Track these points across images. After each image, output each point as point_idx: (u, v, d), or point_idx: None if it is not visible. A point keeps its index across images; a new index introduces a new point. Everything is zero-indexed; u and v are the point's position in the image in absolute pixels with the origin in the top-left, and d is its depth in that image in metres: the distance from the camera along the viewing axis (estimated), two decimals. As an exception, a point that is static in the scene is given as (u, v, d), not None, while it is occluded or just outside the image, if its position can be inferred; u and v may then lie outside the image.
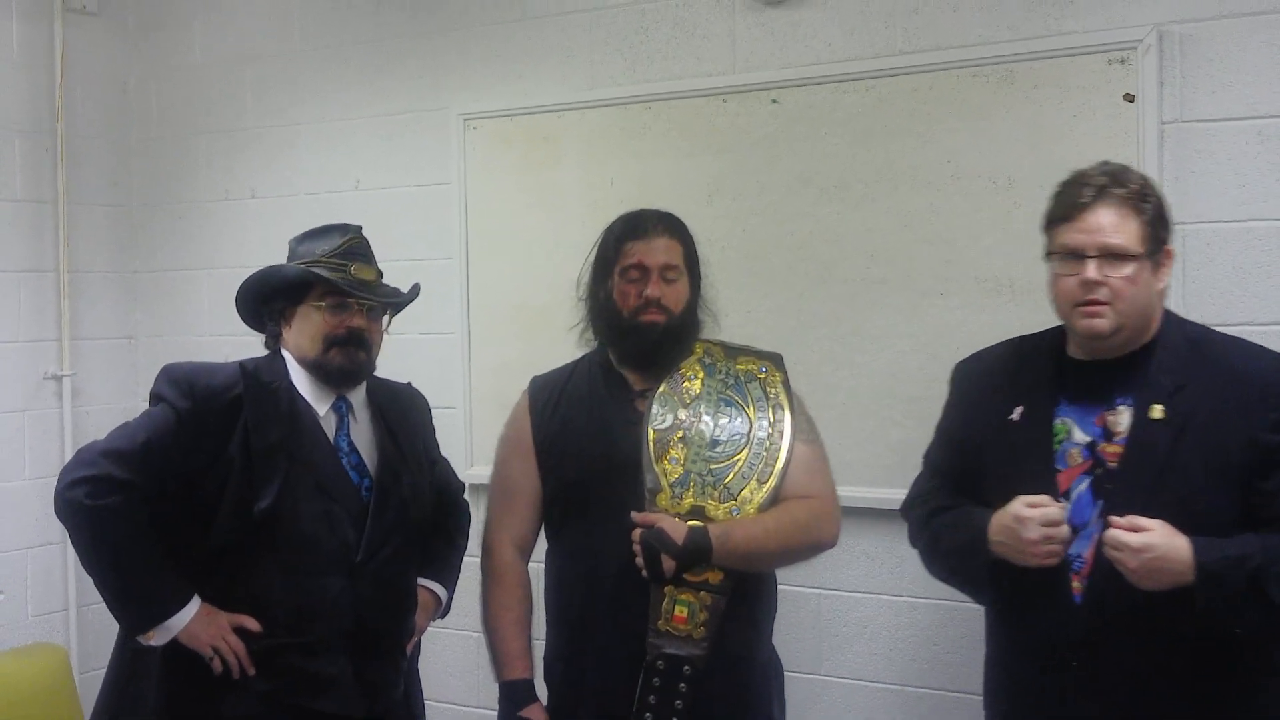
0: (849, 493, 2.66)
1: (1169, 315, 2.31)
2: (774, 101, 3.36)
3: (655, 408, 2.53)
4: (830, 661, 3.37)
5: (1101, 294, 2.18)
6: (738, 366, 2.62)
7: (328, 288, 2.58)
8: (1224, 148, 2.88)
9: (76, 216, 4.36)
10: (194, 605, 2.48)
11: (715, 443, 2.51)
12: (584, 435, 2.57)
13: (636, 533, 2.43)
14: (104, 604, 2.50)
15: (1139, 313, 2.22)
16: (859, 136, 3.25)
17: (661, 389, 2.56)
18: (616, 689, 2.45)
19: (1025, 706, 2.33)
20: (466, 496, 3.03)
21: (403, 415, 2.77)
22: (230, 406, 2.52)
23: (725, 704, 2.48)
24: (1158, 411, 2.19)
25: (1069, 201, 2.23)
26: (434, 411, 2.91)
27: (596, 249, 2.63)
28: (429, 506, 2.78)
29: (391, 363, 2.76)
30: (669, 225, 2.59)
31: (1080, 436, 2.26)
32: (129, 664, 2.58)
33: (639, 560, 2.42)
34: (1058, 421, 2.28)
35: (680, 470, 2.49)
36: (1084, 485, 2.24)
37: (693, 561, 2.41)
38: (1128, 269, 2.17)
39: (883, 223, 3.22)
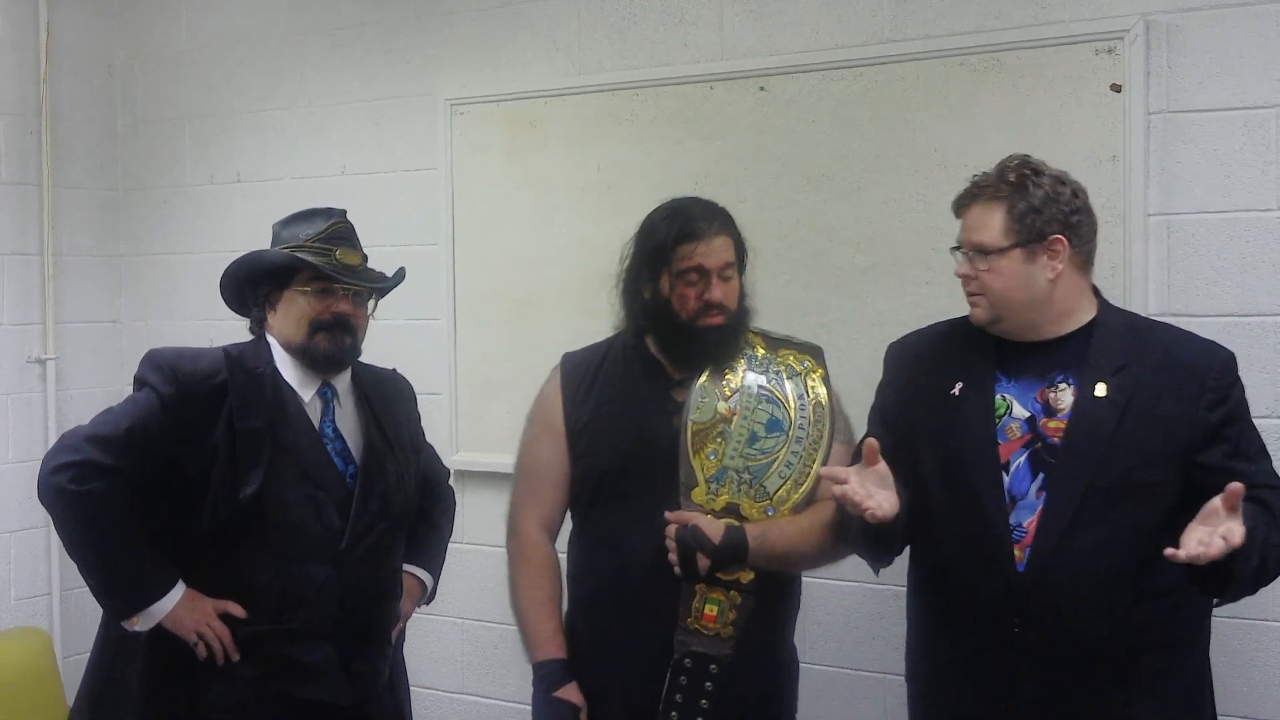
0: (834, 481, 2.66)
1: (1105, 301, 2.40)
2: (761, 89, 3.36)
3: (695, 399, 2.48)
4: (815, 650, 3.38)
5: (972, 286, 2.34)
6: (780, 360, 2.56)
7: (313, 273, 2.57)
8: (1210, 138, 2.89)
9: (61, 200, 4.34)
10: (178, 591, 2.47)
11: (755, 439, 2.47)
12: (619, 422, 2.52)
13: (671, 529, 2.40)
14: (87, 589, 2.49)
15: (1019, 302, 2.31)
16: (846, 124, 3.25)
17: (702, 380, 2.50)
18: (642, 685, 2.43)
19: (957, 677, 2.36)
20: (452, 482, 3.03)
21: (388, 401, 2.76)
22: (215, 392, 2.50)
23: (750, 703, 2.48)
24: (1101, 389, 2.27)
25: (955, 204, 2.40)
26: (420, 398, 2.90)
27: (639, 244, 2.54)
28: (414, 493, 2.77)
29: (377, 348, 2.76)
30: (723, 222, 2.51)
31: (1020, 411, 2.33)
32: (112, 649, 2.57)
33: (672, 557, 2.39)
34: (998, 397, 2.35)
35: (717, 465, 2.45)
36: (1023, 459, 2.31)
37: (728, 561, 2.39)
38: (988, 262, 2.30)
39: (870, 211, 3.22)
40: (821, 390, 2.55)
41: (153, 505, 2.49)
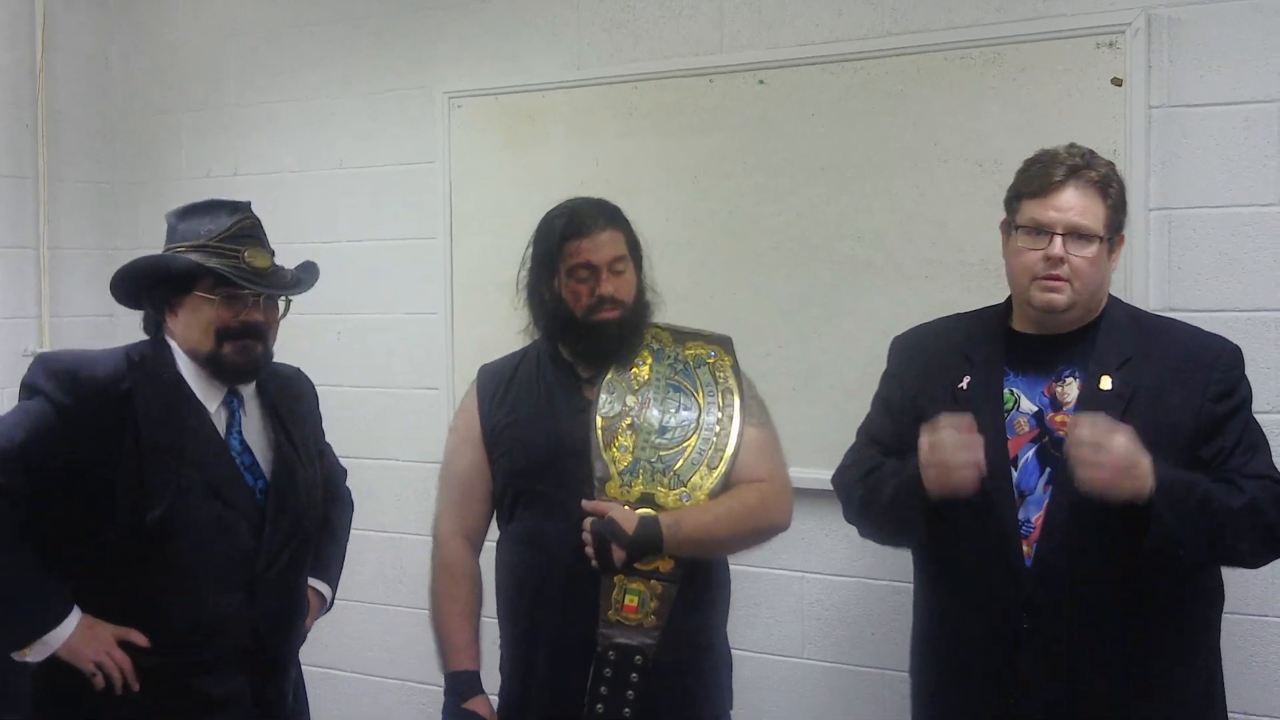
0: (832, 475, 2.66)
1: (1111, 296, 2.40)
2: (761, 82, 3.34)
3: (603, 395, 2.51)
4: (813, 646, 3.37)
5: (1063, 270, 2.26)
6: (686, 351, 2.59)
7: (217, 279, 2.37)
8: (1211, 133, 2.88)
9: (57, 193, 4.33)
10: (74, 618, 2.30)
11: (664, 429, 2.50)
12: (532, 424, 2.54)
13: (587, 522, 2.41)
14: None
15: (1093, 292, 2.31)
16: (846, 118, 3.23)
17: (609, 376, 2.54)
18: (568, 679, 2.43)
19: (963, 673, 2.36)
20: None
21: (293, 405, 2.62)
22: (117, 401, 2.32)
23: (679, 693, 2.47)
24: (1106, 382, 2.27)
25: (1041, 178, 2.29)
26: (416, 392, 2.89)
27: (534, 247, 2.59)
28: (320, 504, 2.64)
29: (374, 343, 2.74)
30: (610, 217, 2.55)
31: (1028, 406, 2.33)
32: None
33: (589, 550, 2.40)
34: (1006, 391, 2.35)
35: (629, 458, 2.47)
36: (1031, 453, 2.31)
37: (643, 551, 2.40)
38: (1090, 249, 2.26)
39: (869, 205, 3.21)
40: (731, 378, 2.57)
41: (44, 524, 2.30)
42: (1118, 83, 2.92)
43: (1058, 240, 2.24)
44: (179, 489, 2.33)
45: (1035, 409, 2.32)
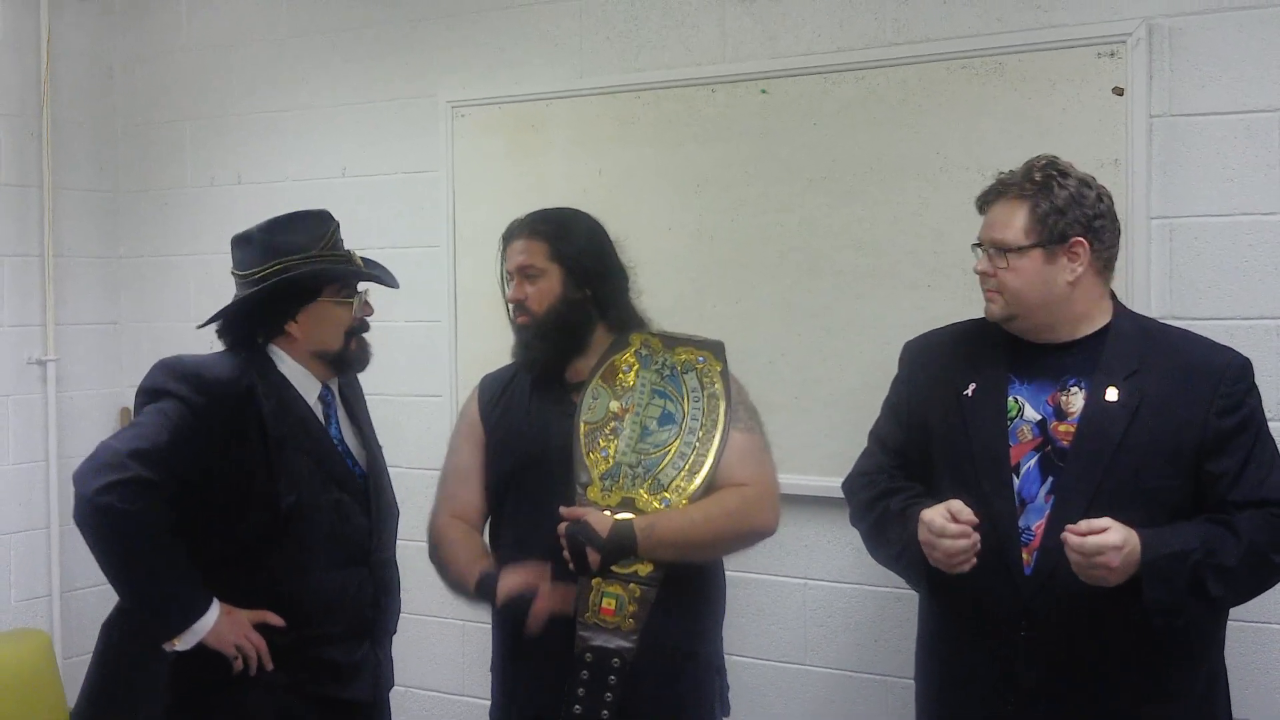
0: (835, 483, 2.66)
1: (1121, 306, 2.41)
2: (763, 92, 3.35)
3: (587, 400, 2.55)
4: (817, 653, 3.38)
5: (990, 284, 2.35)
6: (675, 357, 2.61)
7: (344, 282, 2.60)
8: (1212, 142, 2.89)
9: (62, 201, 4.34)
10: (216, 606, 2.43)
11: (646, 434, 2.51)
12: (520, 426, 2.60)
13: (562, 526, 2.44)
14: (87, 590, 2.47)
15: (1035, 302, 2.33)
16: (848, 128, 3.24)
17: (595, 381, 2.56)
18: (549, 681, 2.45)
19: (963, 679, 2.38)
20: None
21: (360, 401, 2.80)
22: (242, 399, 2.46)
23: (658, 697, 2.48)
24: (1112, 393, 2.28)
25: (981, 198, 2.41)
26: (420, 400, 2.91)
27: None
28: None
29: (379, 350, 2.76)
30: (530, 226, 2.61)
31: (1031, 414, 2.34)
32: (113, 659, 2.52)
33: (565, 554, 2.42)
34: (1010, 399, 2.36)
35: (610, 463, 2.49)
36: (1033, 461, 2.32)
37: (617, 555, 2.41)
38: (1007, 260, 2.31)
39: (871, 214, 3.22)
40: (718, 383, 2.58)
41: (183, 518, 2.42)
42: (1119, 92, 2.93)
43: (982, 256, 2.36)
44: (304, 477, 2.51)
45: (1039, 418, 2.33)
